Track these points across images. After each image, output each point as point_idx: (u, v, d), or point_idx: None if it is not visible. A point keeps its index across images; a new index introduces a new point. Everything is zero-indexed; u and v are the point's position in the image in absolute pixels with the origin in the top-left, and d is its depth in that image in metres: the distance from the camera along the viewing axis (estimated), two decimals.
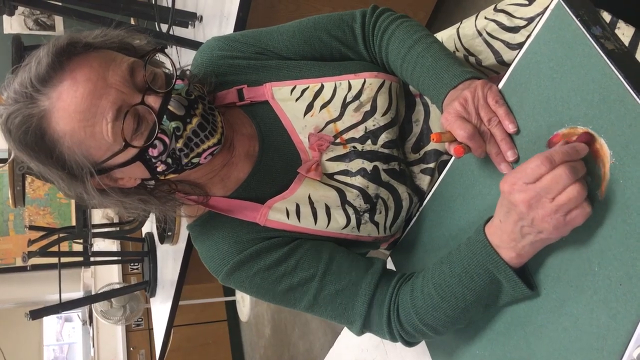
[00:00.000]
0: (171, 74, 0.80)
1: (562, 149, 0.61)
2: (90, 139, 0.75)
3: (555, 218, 0.61)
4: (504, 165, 0.75)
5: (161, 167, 0.80)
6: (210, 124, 0.80)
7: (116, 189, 0.82)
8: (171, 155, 0.79)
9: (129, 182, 0.83)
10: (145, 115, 0.76)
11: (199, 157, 0.81)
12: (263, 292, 0.88)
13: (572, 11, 0.64)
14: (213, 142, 0.81)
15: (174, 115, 0.77)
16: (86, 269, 4.73)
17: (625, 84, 0.59)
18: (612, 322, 0.62)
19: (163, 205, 0.85)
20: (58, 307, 2.83)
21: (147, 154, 0.78)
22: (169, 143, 0.78)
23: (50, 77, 0.73)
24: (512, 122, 0.73)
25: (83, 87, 0.73)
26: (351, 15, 0.94)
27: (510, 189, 0.63)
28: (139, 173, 0.81)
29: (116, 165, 0.78)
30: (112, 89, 0.74)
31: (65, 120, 0.74)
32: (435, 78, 0.82)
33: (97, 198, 0.81)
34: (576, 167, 0.60)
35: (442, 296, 0.76)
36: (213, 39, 0.95)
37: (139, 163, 0.79)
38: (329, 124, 0.91)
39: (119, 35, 0.81)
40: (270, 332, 4.26)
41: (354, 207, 0.89)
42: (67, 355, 5.62)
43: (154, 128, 0.76)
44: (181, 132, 0.78)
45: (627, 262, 0.60)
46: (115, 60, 0.76)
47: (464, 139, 0.73)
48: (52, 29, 4.12)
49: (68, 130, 0.74)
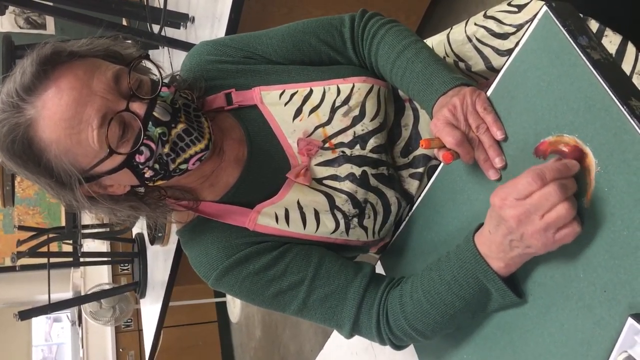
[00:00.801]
0: (158, 81, 0.80)
1: (554, 166, 0.61)
2: (76, 147, 0.75)
3: (545, 236, 0.61)
4: (491, 171, 0.75)
5: (149, 173, 0.80)
6: (196, 130, 0.80)
7: (106, 196, 0.82)
8: (158, 161, 0.79)
9: (118, 189, 0.83)
10: (131, 122, 0.76)
11: (186, 163, 0.81)
12: (253, 296, 0.88)
13: (559, 21, 0.65)
14: (200, 147, 0.81)
15: (159, 122, 0.77)
16: (76, 269, 4.71)
17: (610, 94, 0.59)
18: (597, 328, 0.62)
19: (153, 212, 0.86)
20: (47, 308, 2.82)
21: (134, 160, 0.78)
22: (155, 149, 0.78)
23: (35, 86, 0.74)
24: (500, 129, 0.74)
25: (67, 95, 0.73)
26: (340, 19, 0.94)
27: (501, 204, 0.63)
28: (127, 180, 0.81)
29: (104, 173, 0.79)
30: (96, 96, 0.74)
31: (51, 128, 0.74)
32: (425, 84, 0.83)
33: (86, 205, 0.81)
34: (567, 185, 0.60)
35: (431, 303, 0.77)
36: (202, 43, 0.95)
37: (126, 170, 0.79)
38: (318, 128, 0.92)
39: (104, 43, 0.81)
40: (261, 333, 4.25)
41: (343, 211, 0.90)
42: (55, 356, 5.59)
43: (139, 134, 0.76)
44: (167, 137, 0.78)
45: (612, 269, 0.60)
46: (100, 67, 0.76)
47: (453, 146, 0.74)
48: (43, 28, 4.10)
49: (54, 138, 0.74)
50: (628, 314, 0.58)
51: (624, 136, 0.58)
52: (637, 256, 0.58)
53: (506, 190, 0.63)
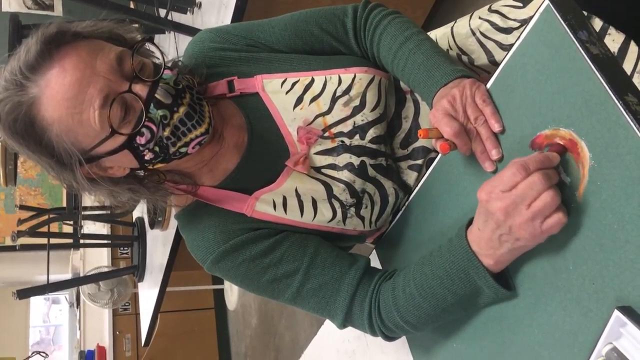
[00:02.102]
0: (160, 64, 0.81)
1: (536, 157, 0.63)
2: (78, 126, 0.76)
3: (532, 225, 0.62)
4: (488, 163, 0.76)
5: (149, 156, 0.81)
6: (197, 113, 0.81)
7: (106, 178, 0.83)
8: (158, 144, 0.80)
9: (118, 172, 0.83)
10: (133, 103, 0.77)
11: (186, 146, 0.82)
12: (248, 282, 0.89)
13: (560, 15, 0.66)
14: (200, 131, 0.82)
15: (161, 104, 0.78)
16: (75, 251, 4.73)
17: (607, 88, 0.60)
18: (584, 319, 0.63)
19: (152, 195, 0.86)
20: (45, 288, 2.83)
21: (134, 142, 0.78)
22: (156, 131, 0.79)
23: (38, 65, 0.74)
24: (498, 121, 0.75)
25: (71, 75, 0.74)
26: (343, 9, 0.95)
27: (488, 197, 0.64)
28: (127, 162, 0.82)
29: (104, 154, 0.79)
30: (99, 77, 0.75)
31: (53, 107, 0.75)
32: (426, 75, 0.83)
33: (86, 186, 0.81)
34: (549, 175, 0.62)
35: (423, 296, 0.77)
36: (205, 30, 0.96)
37: (126, 152, 0.79)
38: (318, 117, 0.92)
39: (108, 25, 0.82)
40: (257, 321, 4.27)
41: (340, 201, 0.90)
42: (53, 337, 5.63)
43: (141, 116, 0.77)
44: (168, 121, 0.79)
45: (601, 261, 0.61)
46: (103, 49, 0.77)
47: (450, 136, 0.75)
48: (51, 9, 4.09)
49: (56, 117, 0.75)
50: (615, 306, 0.59)
51: (619, 131, 0.59)
52: (625, 250, 0.58)
53: (492, 183, 0.64)
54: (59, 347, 5.67)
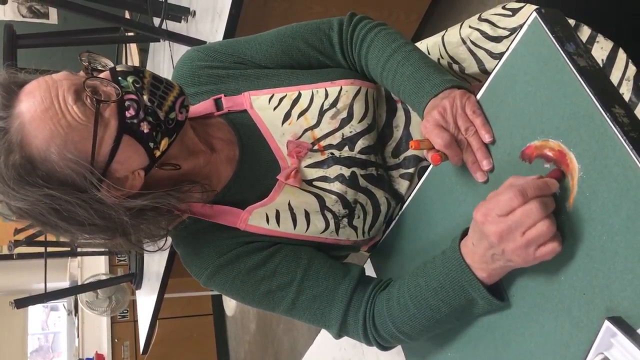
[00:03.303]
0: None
1: (535, 184, 0.62)
2: (70, 132, 0.75)
3: (525, 252, 0.63)
4: (479, 173, 0.76)
5: (146, 127, 0.78)
6: (163, 81, 0.82)
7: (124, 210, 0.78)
8: (146, 111, 0.79)
9: (134, 181, 0.80)
10: (102, 87, 0.78)
11: (173, 111, 0.81)
12: (243, 295, 0.89)
13: (548, 27, 0.66)
14: (176, 92, 0.82)
15: (126, 72, 0.79)
16: (73, 259, 4.73)
17: (594, 100, 0.60)
18: (575, 330, 0.64)
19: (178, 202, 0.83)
20: (43, 297, 2.83)
21: (125, 119, 0.77)
22: (137, 98, 0.78)
23: (8, 101, 0.76)
24: (488, 132, 0.75)
25: (38, 92, 0.75)
26: (328, 23, 0.95)
27: (483, 220, 0.64)
28: (135, 157, 0.79)
29: (109, 153, 0.77)
30: (62, 81, 0.77)
31: (39, 126, 0.74)
32: (416, 87, 0.83)
33: (128, 223, 0.78)
34: (547, 203, 0.61)
35: (417, 307, 0.78)
36: (192, 49, 0.97)
37: (127, 138, 0.77)
38: (307, 131, 0.93)
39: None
40: (256, 327, 4.27)
41: (333, 212, 0.91)
42: (51, 345, 5.62)
43: (116, 91, 0.77)
44: (141, 84, 0.79)
45: (591, 272, 0.62)
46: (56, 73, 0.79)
47: (441, 147, 0.75)
48: (46, 17, 4.09)
49: (47, 135, 0.74)
50: (605, 316, 0.59)
51: (607, 142, 0.59)
52: (615, 261, 0.59)
53: (488, 205, 0.64)
54: (58, 354, 5.66)
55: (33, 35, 2.35)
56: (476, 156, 0.76)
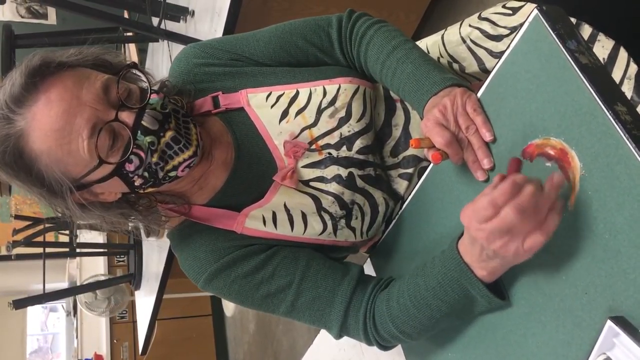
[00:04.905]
0: (146, 89, 0.81)
1: (503, 189, 0.61)
2: (67, 157, 0.76)
3: (514, 246, 0.62)
4: (480, 172, 0.76)
5: (139, 182, 0.81)
6: (184, 137, 0.81)
7: (97, 204, 0.82)
8: (148, 170, 0.80)
9: (109, 197, 0.83)
10: (120, 131, 0.77)
11: (175, 170, 0.82)
12: (242, 299, 0.89)
13: (549, 24, 0.66)
14: (188, 154, 0.81)
15: (148, 130, 0.78)
16: (72, 259, 4.72)
17: (596, 98, 0.60)
18: (577, 329, 0.63)
19: (145, 219, 0.86)
20: (41, 298, 2.82)
21: (123, 169, 0.79)
22: (144, 157, 0.79)
23: (24, 97, 0.74)
24: (489, 130, 0.75)
25: (57, 106, 0.74)
26: (327, 20, 0.94)
27: (468, 224, 0.65)
28: (118, 187, 0.82)
29: (95, 181, 0.79)
30: (86, 106, 0.75)
31: (41, 139, 0.75)
32: (416, 85, 0.83)
33: (78, 213, 0.81)
34: (521, 203, 0.60)
35: (417, 307, 0.77)
36: (189, 46, 0.96)
37: (116, 178, 0.79)
38: (304, 130, 0.92)
39: (93, 52, 0.82)
40: (255, 327, 4.27)
41: (330, 213, 0.90)
42: (50, 346, 5.60)
43: (128, 144, 0.77)
44: (156, 147, 0.79)
45: (593, 271, 0.61)
46: (89, 78, 0.77)
47: (442, 146, 0.75)
48: (45, 18, 4.09)
49: (45, 149, 0.75)
50: (607, 316, 0.59)
51: (609, 140, 0.59)
52: (618, 260, 0.58)
53: (469, 214, 0.64)
54: (57, 355, 5.65)
55: (31, 35, 2.34)
56: (477, 155, 0.76)
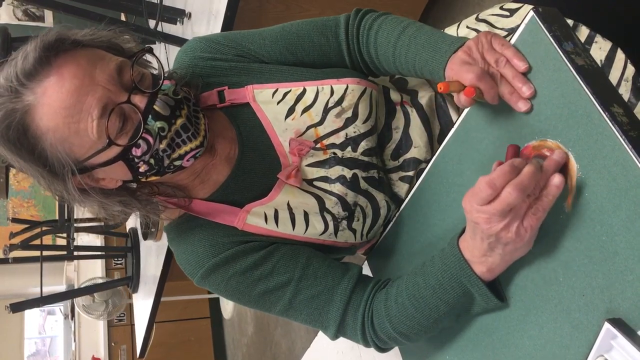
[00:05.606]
0: (158, 75, 0.80)
1: (502, 171, 0.62)
2: (74, 136, 0.75)
3: (515, 227, 0.63)
4: (521, 102, 0.69)
5: (143, 168, 0.80)
6: (193, 125, 0.80)
7: (97, 189, 0.82)
8: (154, 156, 0.79)
9: (110, 183, 0.83)
10: (131, 114, 0.76)
11: (181, 159, 0.81)
12: (239, 296, 0.88)
13: (545, 26, 0.65)
14: (195, 144, 0.81)
15: (160, 115, 0.77)
16: (69, 262, 4.71)
17: (593, 100, 0.60)
18: (575, 331, 0.63)
19: (144, 208, 0.85)
20: (39, 301, 2.81)
21: (130, 153, 0.78)
22: (153, 143, 0.78)
23: (36, 71, 0.73)
24: (522, 59, 0.68)
25: (69, 83, 0.73)
26: (335, 20, 0.93)
27: (470, 209, 0.65)
28: (120, 174, 0.81)
29: (98, 165, 0.78)
30: (98, 86, 0.74)
31: (49, 116, 0.73)
32: (432, 50, 0.79)
33: (77, 197, 0.80)
34: (522, 182, 0.61)
35: (416, 307, 0.77)
36: (195, 39, 0.95)
37: (121, 163, 0.78)
38: (310, 128, 0.91)
39: (107, 35, 0.81)
40: (253, 330, 4.26)
41: (332, 214, 0.90)
42: (48, 349, 5.59)
43: (139, 127, 0.76)
44: (165, 133, 0.78)
45: (590, 273, 0.61)
46: (103, 58, 0.76)
47: (474, 81, 0.68)
48: (42, 20, 4.08)
49: (52, 126, 0.74)
50: (605, 318, 0.59)
51: (605, 142, 0.59)
52: (615, 262, 0.58)
53: (470, 198, 0.64)
54: (55, 358, 5.63)
55: (28, 38, 2.34)
56: (513, 85, 0.69)
